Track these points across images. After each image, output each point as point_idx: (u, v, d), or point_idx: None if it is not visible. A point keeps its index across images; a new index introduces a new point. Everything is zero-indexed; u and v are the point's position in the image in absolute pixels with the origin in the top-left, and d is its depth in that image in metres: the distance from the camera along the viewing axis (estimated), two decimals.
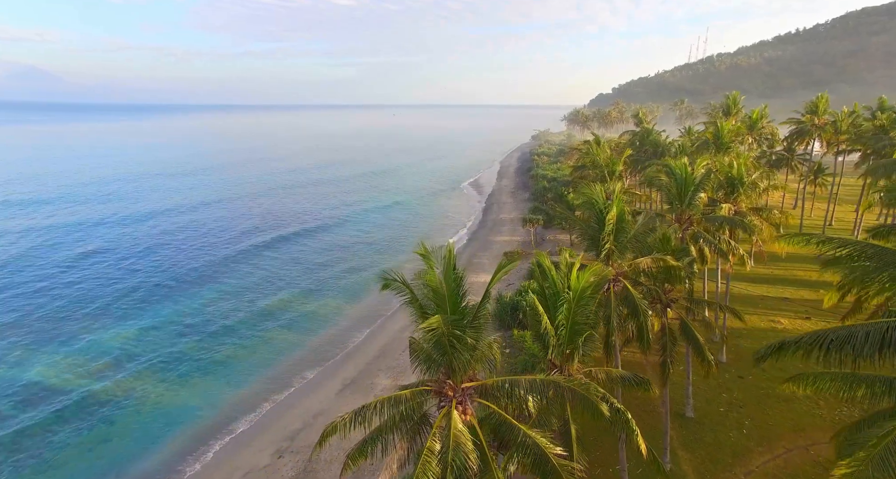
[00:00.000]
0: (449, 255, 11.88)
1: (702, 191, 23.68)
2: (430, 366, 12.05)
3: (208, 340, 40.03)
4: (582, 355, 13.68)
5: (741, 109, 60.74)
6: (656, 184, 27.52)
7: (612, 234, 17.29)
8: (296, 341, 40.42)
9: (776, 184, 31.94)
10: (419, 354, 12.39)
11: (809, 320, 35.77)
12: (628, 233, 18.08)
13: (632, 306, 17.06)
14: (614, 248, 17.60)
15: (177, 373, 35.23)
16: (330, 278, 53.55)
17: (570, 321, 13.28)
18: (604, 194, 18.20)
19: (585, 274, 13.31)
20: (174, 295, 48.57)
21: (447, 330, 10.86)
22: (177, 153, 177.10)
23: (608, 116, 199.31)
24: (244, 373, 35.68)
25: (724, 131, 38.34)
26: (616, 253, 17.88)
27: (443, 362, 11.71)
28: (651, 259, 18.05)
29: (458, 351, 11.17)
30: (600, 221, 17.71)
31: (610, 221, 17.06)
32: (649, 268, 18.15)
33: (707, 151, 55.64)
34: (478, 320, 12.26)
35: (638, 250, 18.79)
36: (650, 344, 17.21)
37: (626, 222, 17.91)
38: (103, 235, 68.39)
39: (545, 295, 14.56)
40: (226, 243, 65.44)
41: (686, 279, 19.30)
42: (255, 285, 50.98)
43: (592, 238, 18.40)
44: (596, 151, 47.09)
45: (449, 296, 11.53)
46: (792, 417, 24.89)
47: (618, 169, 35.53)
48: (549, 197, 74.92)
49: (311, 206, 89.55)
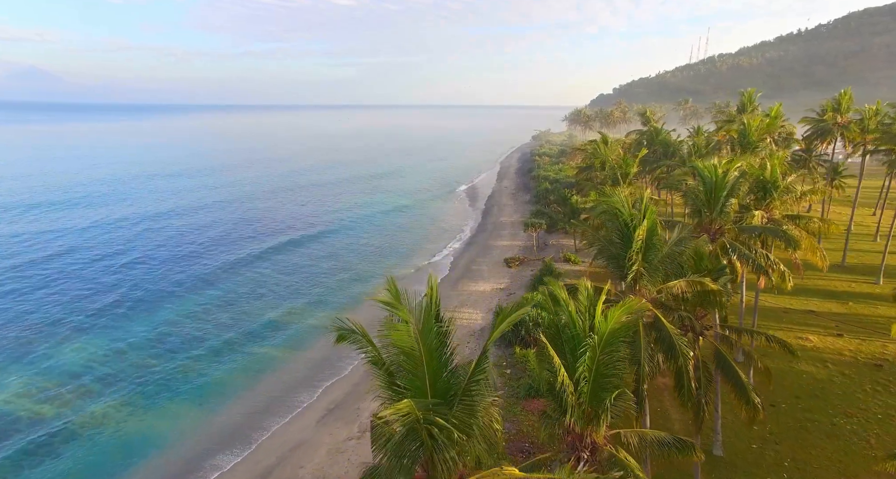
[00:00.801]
0: (430, 298, 8.63)
1: (734, 197, 20.46)
2: (400, 461, 8.66)
3: (184, 358, 36.70)
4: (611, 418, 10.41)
5: (757, 107, 57.42)
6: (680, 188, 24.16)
7: (641, 252, 14.07)
8: (281, 358, 37.10)
9: (817, 188, 28.51)
10: (384, 441, 8.97)
11: (842, 338, 32.46)
12: (660, 250, 14.80)
13: (667, 345, 13.81)
14: (644, 270, 14.36)
15: (145, 396, 31.92)
16: (323, 289, 49.89)
17: (594, 373, 10.09)
18: (628, 202, 14.88)
19: (616, 312, 10.07)
20: (154, 308, 45.22)
21: (424, 417, 7.68)
22: (176, 154, 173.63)
23: (611, 115, 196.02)
24: (219, 395, 32.39)
25: (751, 129, 34.82)
26: (646, 276, 14.61)
27: (418, 456, 8.50)
28: (686, 282, 14.77)
29: (441, 446, 7.97)
30: (625, 235, 14.45)
31: (639, 238, 13.79)
32: (684, 293, 14.89)
33: (718, 152, 52.42)
34: (471, 396, 8.99)
35: (670, 270, 15.49)
36: (692, 394, 13.95)
37: (657, 237, 14.65)
38: (84, 242, 65.10)
39: (559, 334, 11.26)
40: (215, 251, 62.02)
41: (724, 304, 16.02)
42: (241, 297, 47.46)
43: (614, 256, 15.09)
44: (604, 151, 43.82)
45: (428, 362, 8.34)
46: (839, 458, 21.57)
47: (632, 171, 32.10)
48: (552, 199, 71.68)
49: (308, 210, 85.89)
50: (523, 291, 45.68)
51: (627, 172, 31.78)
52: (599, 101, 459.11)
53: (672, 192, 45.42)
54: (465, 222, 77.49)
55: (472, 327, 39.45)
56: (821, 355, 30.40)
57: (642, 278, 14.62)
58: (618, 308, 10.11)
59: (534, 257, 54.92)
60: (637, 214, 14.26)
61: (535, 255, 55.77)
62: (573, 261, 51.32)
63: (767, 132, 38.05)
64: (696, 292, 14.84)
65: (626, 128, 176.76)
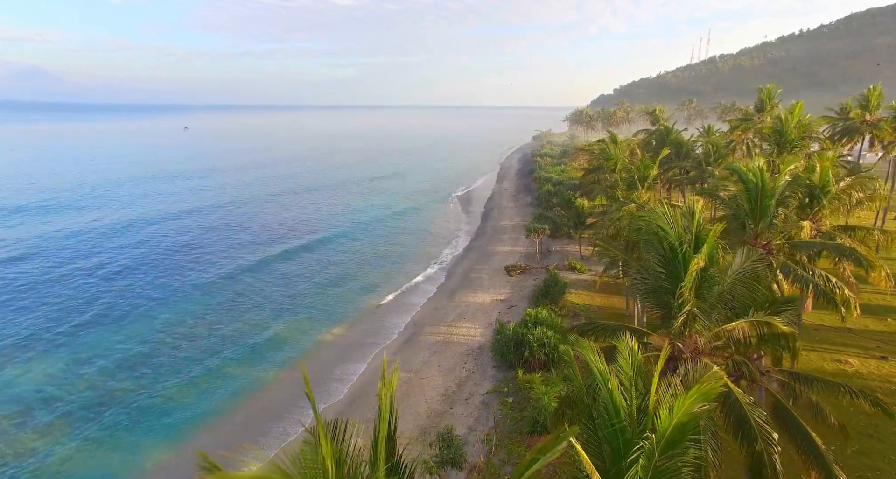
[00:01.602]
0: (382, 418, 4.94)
1: (784, 206, 16.88)
2: None
3: (151, 377, 33.10)
4: None
5: (777, 105, 53.59)
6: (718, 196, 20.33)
7: (694, 288, 10.45)
8: (258, 379, 33.44)
9: (878, 195, 24.48)
10: None
11: (887, 362, 28.79)
12: (719, 283, 11.13)
13: (738, 422, 10.01)
14: (698, 312, 10.72)
15: (99, 424, 28.29)
16: (312, 301, 45.99)
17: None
18: (677, 220, 11.04)
19: (686, 401, 6.47)
20: (122, 319, 41.65)
21: None
22: (174, 154, 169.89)
23: (613, 115, 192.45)
24: (185, 422, 28.76)
25: (789, 126, 30.79)
26: (700, 319, 10.95)
27: None
28: (749, 324, 11.11)
29: None
30: (669, 263, 10.79)
31: (694, 271, 10.11)
32: (747, 337, 11.21)
33: (733, 153, 48.68)
34: None
35: (728, 307, 11.73)
36: None
37: (716, 267, 11.02)
38: (58, 249, 61.49)
39: (593, 425, 7.58)
40: (200, 258, 58.39)
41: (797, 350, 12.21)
42: (221, 307, 43.70)
43: (654, 290, 11.45)
44: (614, 152, 40.15)
45: None
46: None
47: (652, 174, 28.31)
48: (555, 203, 67.98)
49: (307, 214, 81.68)
50: (525, 303, 42.06)
51: (646, 174, 28.04)
52: (600, 101, 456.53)
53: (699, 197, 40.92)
54: (464, 226, 73.89)
55: (470, 344, 35.85)
56: (866, 383, 26.72)
57: (696, 321, 11.00)
58: (689, 396, 6.52)
59: (536, 265, 51.31)
60: (687, 235, 10.52)
61: (537, 262, 52.15)
62: (579, 269, 47.69)
63: (809, 129, 34.17)
64: (760, 335, 11.21)
65: (628, 128, 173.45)
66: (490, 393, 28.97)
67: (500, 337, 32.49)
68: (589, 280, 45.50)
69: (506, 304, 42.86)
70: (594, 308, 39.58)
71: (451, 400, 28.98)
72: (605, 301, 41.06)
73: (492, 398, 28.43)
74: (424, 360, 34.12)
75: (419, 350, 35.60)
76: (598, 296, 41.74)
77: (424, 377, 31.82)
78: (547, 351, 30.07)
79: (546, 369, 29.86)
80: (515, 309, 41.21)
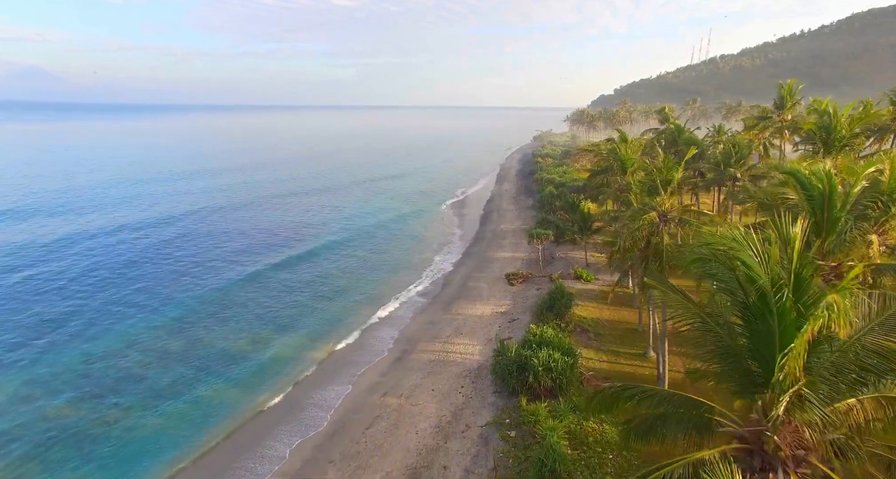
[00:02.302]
0: None
1: (865, 220, 13.49)
2: None
3: (110, 400, 29.73)
4: None
5: (799, 102, 49.87)
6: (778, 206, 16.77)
7: (804, 356, 6.93)
8: (230, 403, 30.02)
9: None
10: None
11: None
12: (841, 350, 7.40)
13: None
14: (811, 395, 7.10)
15: (42, 462, 24.86)
16: (298, 315, 42.32)
17: None
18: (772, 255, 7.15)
19: None
20: (89, 331, 38.31)
21: None
22: (174, 154, 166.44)
23: (616, 115, 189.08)
24: (143, 455, 25.40)
25: (839, 123, 26.83)
26: (814, 403, 7.28)
27: None
28: (875, 400, 7.51)
29: None
30: (759, 317, 7.08)
31: (805, 340, 6.51)
32: (870, 420, 7.64)
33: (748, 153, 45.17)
34: None
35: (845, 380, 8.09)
36: None
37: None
38: (38, 255, 58.11)
39: None
40: (185, 268, 54.77)
41: None
42: (203, 325, 39.95)
43: (729, 353, 7.67)
44: (624, 152, 36.73)
45: None
46: None
47: (676, 176, 24.64)
48: (558, 206, 64.48)
49: (304, 218, 77.50)
50: (527, 315, 38.67)
51: (670, 178, 24.43)
52: (600, 101, 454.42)
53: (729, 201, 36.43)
54: (463, 230, 70.47)
55: (467, 364, 32.40)
56: None
57: (807, 408, 7.40)
58: None
59: (539, 273, 47.87)
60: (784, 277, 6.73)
61: (540, 270, 48.71)
62: (585, 278, 44.25)
63: (864, 124, 30.28)
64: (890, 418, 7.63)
65: (629, 128, 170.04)
66: (490, 425, 25.53)
67: (500, 359, 29.05)
68: (596, 290, 42.11)
69: (507, 317, 39.45)
70: (603, 322, 36.17)
71: (445, 433, 25.55)
72: (615, 314, 37.65)
73: (491, 432, 25.00)
74: (416, 383, 30.69)
75: (411, 371, 32.17)
76: (606, 308, 38.35)
77: (416, 404, 28.40)
78: (554, 376, 26.66)
79: (553, 397, 26.44)
80: (517, 323, 37.81)
